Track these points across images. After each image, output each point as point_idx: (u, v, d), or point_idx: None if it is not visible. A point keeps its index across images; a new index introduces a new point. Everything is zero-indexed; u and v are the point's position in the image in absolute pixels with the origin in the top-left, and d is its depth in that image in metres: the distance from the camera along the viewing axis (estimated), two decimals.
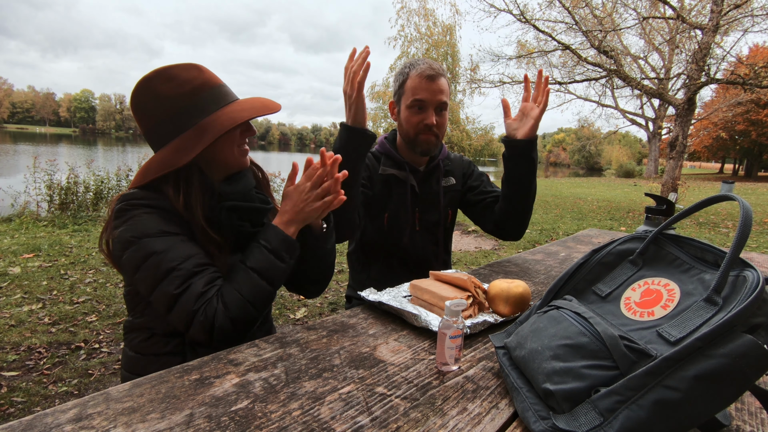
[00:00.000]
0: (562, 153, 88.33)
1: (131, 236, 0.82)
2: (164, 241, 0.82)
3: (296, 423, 0.55)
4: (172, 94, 0.86)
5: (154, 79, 0.86)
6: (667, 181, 9.45)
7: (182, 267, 0.82)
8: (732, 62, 10.56)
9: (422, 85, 1.31)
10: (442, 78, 1.33)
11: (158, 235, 0.82)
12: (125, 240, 0.82)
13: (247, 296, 0.83)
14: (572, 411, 0.51)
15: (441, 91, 1.32)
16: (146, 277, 0.82)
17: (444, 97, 1.33)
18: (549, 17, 10.99)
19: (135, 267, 0.82)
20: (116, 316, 2.72)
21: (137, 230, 0.82)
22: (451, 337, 0.68)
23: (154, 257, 0.81)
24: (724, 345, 0.45)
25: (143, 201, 0.84)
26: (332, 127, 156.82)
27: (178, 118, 0.87)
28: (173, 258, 0.81)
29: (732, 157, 40.08)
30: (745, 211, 0.51)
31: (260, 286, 0.85)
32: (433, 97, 1.32)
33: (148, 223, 0.83)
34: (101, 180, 6.17)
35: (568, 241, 1.87)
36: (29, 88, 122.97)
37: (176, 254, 0.82)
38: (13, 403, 1.80)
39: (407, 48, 19.19)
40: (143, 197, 0.85)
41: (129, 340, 0.95)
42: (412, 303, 0.96)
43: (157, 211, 0.85)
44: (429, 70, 1.31)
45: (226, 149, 0.92)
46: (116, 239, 0.84)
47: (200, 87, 0.88)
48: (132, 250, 0.82)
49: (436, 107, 1.33)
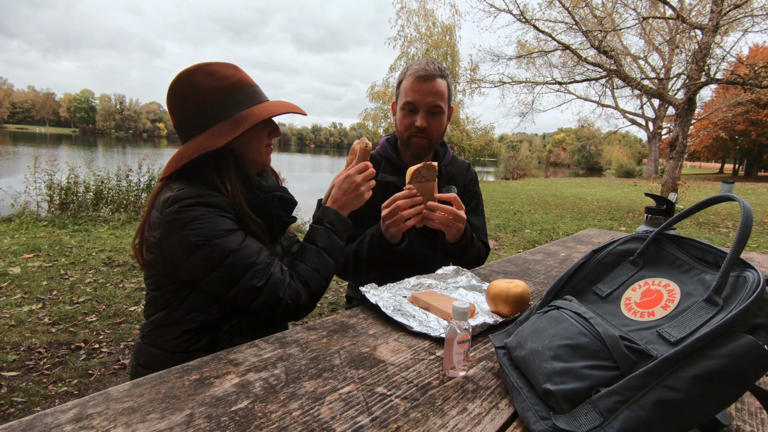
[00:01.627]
0: (562, 153, 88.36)
1: (200, 240, 0.85)
2: (234, 239, 0.88)
3: (296, 423, 0.55)
4: (211, 87, 0.91)
5: (194, 73, 0.91)
6: (667, 181, 9.45)
7: (260, 261, 0.89)
8: (732, 62, 10.56)
9: (414, 87, 1.28)
10: (438, 79, 1.28)
11: (226, 234, 0.87)
12: (193, 244, 0.85)
13: (321, 272, 0.96)
14: (572, 411, 0.51)
15: (433, 92, 1.28)
16: (225, 275, 0.87)
17: (437, 100, 1.28)
18: (549, 17, 11.00)
19: (210, 267, 0.86)
20: (116, 316, 2.72)
21: (205, 232, 0.85)
22: (459, 342, 0.67)
23: (232, 255, 0.86)
24: (725, 345, 0.45)
25: (198, 200, 0.87)
26: (332, 126, 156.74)
27: (214, 108, 0.92)
28: (249, 254, 0.88)
29: (732, 157, 40.09)
30: (745, 211, 0.51)
31: (329, 262, 0.99)
32: (424, 99, 1.28)
33: (213, 223, 0.86)
34: (101, 180, 6.17)
35: (568, 241, 1.87)
36: (29, 88, 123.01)
37: (250, 250, 0.89)
38: (13, 403, 1.80)
39: (407, 48, 19.21)
40: (196, 195, 0.87)
41: (155, 336, 0.96)
42: (411, 303, 0.96)
43: (214, 209, 0.88)
44: (422, 71, 1.27)
45: (254, 146, 0.99)
46: (179, 243, 0.86)
47: (237, 83, 0.95)
48: (205, 252, 0.85)
49: (427, 110, 1.29)
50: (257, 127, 0.97)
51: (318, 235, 1.00)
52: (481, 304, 0.98)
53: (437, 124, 1.33)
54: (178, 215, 0.85)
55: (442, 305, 0.91)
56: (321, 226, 1.01)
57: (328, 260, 0.99)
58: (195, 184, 0.90)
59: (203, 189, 0.89)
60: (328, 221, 1.01)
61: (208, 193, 0.89)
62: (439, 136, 1.37)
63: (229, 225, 0.89)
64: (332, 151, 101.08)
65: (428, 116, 1.31)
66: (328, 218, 1.02)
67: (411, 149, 1.36)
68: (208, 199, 0.88)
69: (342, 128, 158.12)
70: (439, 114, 1.32)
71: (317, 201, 1.16)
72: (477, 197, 1.53)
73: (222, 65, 0.94)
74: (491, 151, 21.60)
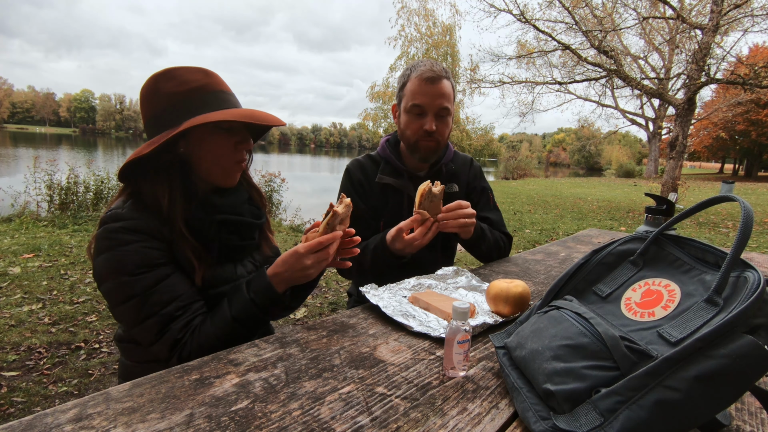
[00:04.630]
0: (562, 153, 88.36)
1: (109, 272, 0.81)
2: (144, 281, 0.81)
3: (296, 423, 0.55)
4: (169, 92, 0.86)
5: (159, 77, 0.87)
6: (667, 181, 9.45)
7: (162, 313, 0.82)
8: (732, 62, 10.57)
9: (421, 89, 1.26)
10: (444, 80, 1.27)
11: (137, 274, 0.81)
12: (104, 273, 0.81)
13: (222, 338, 0.83)
14: (573, 411, 0.51)
15: (441, 95, 1.26)
16: (124, 314, 0.82)
17: (445, 102, 1.27)
18: (549, 17, 11.00)
19: (112, 303, 0.83)
20: None
21: (116, 266, 0.80)
22: (459, 342, 0.67)
23: (134, 301, 0.81)
24: (725, 346, 0.45)
25: (125, 224, 0.82)
26: (332, 126, 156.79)
27: (168, 114, 0.86)
28: (154, 303, 0.81)
29: (732, 157, 40.08)
30: (746, 212, 0.51)
31: (238, 332, 0.85)
32: (433, 101, 1.26)
33: (126, 258, 0.80)
34: (101, 180, 6.17)
35: (568, 241, 1.87)
36: (29, 88, 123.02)
37: (156, 299, 0.82)
38: (13, 403, 1.80)
39: (407, 48, 19.20)
40: (126, 218, 0.82)
41: (123, 350, 0.95)
42: (411, 303, 0.96)
43: (138, 238, 0.82)
44: (429, 72, 1.25)
45: (210, 158, 0.90)
46: (96, 265, 0.83)
47: (198, 89, 0.87)
48: (111, 285, 0.81)
49: (435, 112, 1.28)
50: (215, 135, 0.89)
51: (236, 302, 0.86)
52: (481, 304, 0.98)
53: (444, 126, 1.32)
54: (100, 240, 0.82)
55: (442, 305, 0.91)
56: (245, 294, 0.86)
57: (238, 330, 0.85)
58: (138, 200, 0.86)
59: (136, 211, 0.84)
60: (254, 292, 0.86)
61: (139, 216, 0.83)
62: (446, 139, 1.36)
63: (150, 260, 0.82)
64: (332, 152, 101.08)
65: (437, 119, 1.29)
66: (255, 288, 0.86)
67: (420, 153, 1.33)
68: (137, 224, 0.82)
69: (342, 128, 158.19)
70: (447, 116, 1.31)
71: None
72: (486, 192, 1.50)
73: (189, 70, 0.88)
74: (491, 151, 21.61)
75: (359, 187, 1.41)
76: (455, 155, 1.49)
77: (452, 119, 1.37)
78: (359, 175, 1.42)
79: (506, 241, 1.47)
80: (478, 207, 1.46)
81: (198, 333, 0.83)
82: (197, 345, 0.82)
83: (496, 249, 1.41)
